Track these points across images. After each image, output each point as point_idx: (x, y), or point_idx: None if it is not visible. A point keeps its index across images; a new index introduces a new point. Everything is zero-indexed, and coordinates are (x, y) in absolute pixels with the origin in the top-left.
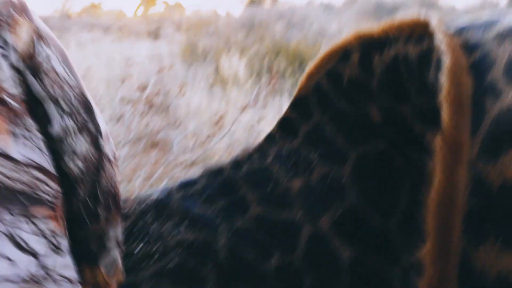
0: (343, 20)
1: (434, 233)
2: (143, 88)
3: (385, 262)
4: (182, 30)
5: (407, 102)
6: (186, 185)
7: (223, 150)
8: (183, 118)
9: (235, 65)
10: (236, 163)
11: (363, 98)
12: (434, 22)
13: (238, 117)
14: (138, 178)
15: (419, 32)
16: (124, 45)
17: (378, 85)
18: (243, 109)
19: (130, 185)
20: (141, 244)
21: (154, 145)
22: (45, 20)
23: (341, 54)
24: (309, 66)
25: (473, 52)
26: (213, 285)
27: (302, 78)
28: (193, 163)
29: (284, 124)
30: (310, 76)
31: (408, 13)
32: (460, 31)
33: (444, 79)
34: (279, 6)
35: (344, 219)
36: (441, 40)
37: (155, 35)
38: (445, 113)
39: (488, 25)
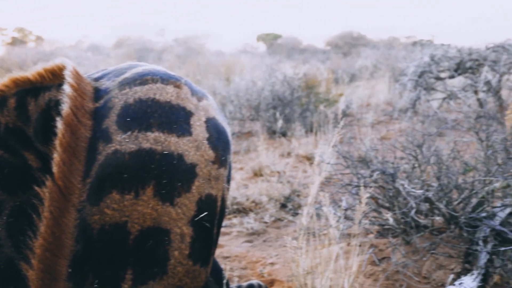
0: (112, 61)
1: (38, 280)
2: None
3: None
4: None
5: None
6: None
7: None
8: None
9: None
10: None
11: (21, 145)
12: (68, 70)
13: None
14: None
15: (60, 79)
16: None
17: (34, 131)
18: None
19: None
20: None
21: None
22: None
23: None
24: None
25: (100, 99)
26: None
27: None
28: None
29: None
30: None
31: (56, 61)
32: (96, 78)
33: (60, 125)
34: (45, 46)
35: None
36: (66, 88)
37: None
38: (57, 158)
39: (119, 73)
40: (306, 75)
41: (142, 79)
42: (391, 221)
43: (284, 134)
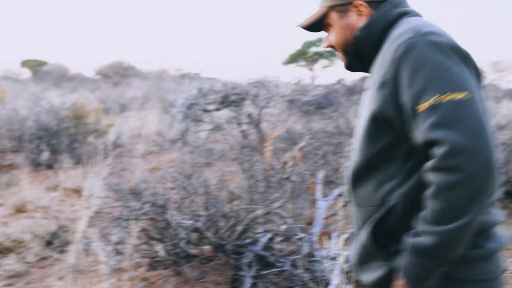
0: None
1: None
2: None
3: None
4: None
5: None
6: None
7: None
8: None
9: None
10: None
11: None
12: None
13: None
14: None
15: None
16: None
17: None
18: None
19: None
20: None
21: None
22: None
23: None
24: None
25: None
26: None
27: None
28: None
29: None
30: None
31: None
32: None
33: None
34: None
35: None
36: None
37: None
38: None
39: None
40: (75, 104)
41: None
42: (162, 252)
43: (50, 166)
